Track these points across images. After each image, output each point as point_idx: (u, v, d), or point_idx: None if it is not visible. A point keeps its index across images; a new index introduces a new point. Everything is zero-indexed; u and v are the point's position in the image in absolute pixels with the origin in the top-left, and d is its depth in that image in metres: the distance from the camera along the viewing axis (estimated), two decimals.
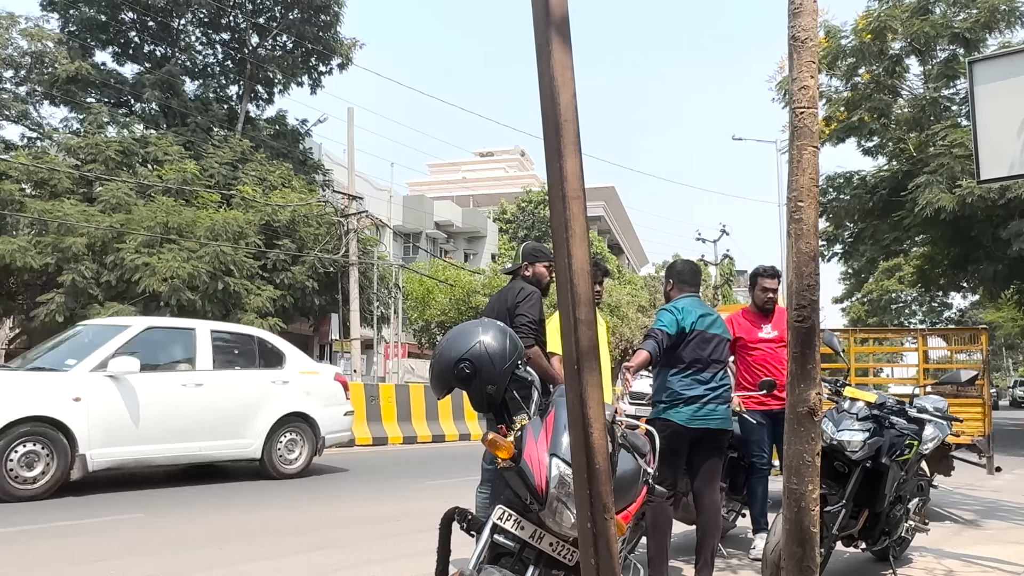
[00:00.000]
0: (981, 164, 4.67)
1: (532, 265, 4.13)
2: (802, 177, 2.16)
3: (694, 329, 3.97)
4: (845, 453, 4.04)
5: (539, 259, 4.14)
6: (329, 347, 26.12)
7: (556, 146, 1.71)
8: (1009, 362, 60.40)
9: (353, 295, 20.06)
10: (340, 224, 21.19)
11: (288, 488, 7.57)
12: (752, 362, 5.07)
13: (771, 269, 5.24)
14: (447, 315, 27.68)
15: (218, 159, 20.28)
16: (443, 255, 38.33)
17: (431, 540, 2.61)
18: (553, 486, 2.20)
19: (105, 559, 4.64)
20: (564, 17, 1.73)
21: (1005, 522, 6.40)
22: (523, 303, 3.95)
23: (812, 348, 2.13)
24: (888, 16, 14.48)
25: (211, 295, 17.55)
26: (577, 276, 1.71)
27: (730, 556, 4.96)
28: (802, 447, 2.14)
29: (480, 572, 2.21)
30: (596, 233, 45.67)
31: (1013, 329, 34.93)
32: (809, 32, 2.17)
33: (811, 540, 2.12)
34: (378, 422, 13.16)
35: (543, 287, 4.11)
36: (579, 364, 1.71)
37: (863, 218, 17.19)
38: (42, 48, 20.45)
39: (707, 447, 4.00)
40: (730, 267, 36.88)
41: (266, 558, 4.77)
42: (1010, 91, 4.53)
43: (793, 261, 2.16)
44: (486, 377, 2.41)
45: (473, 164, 66.09)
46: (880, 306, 37.79)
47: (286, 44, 24.52)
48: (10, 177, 17.83)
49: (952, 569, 4.66)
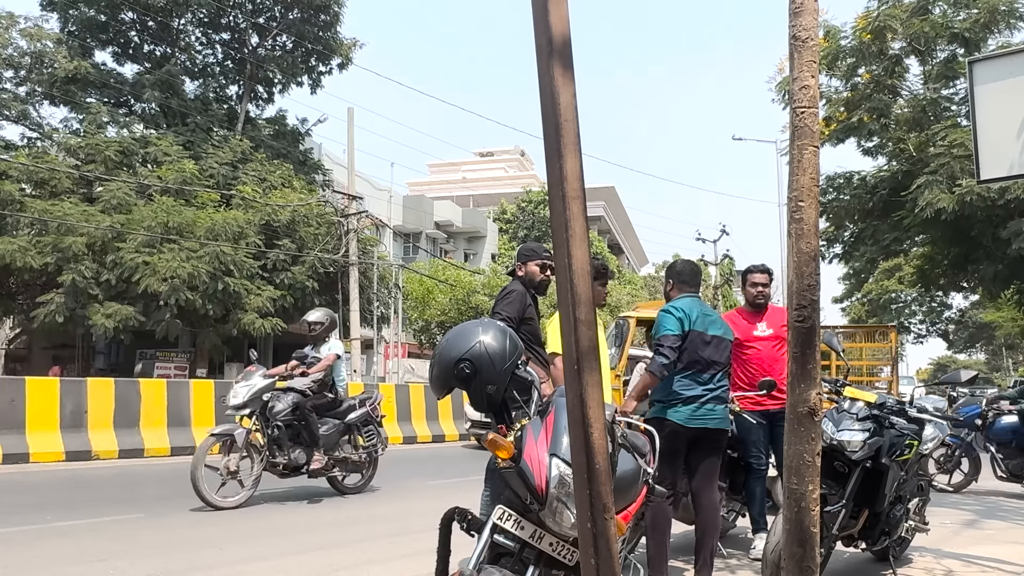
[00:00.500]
0: (981, 164, 4.67)
1: (524, 265, 4.13)
2: (802, 177, 2.16)
3: (692, 330, 3.97)
4: (845, 453, 4.04)
5: (531, 259, 4.13)
6: None
7: (556, 146, 1.71)
8: (1009, 362, 60.37)
9: (353, 295, 20.07)
10: (340, 224, 21.19)
11: (287, 488, 7.57)
12: (747, 360, 5.07)
13: (761, 266, 5.32)
14: (447, 315, 27.68)
15: (218, 159, 20.29)
16: (443, 255, 38.34)
17: (431, 540, 2.61)
18: (553, 486, 2.20)
19: (105, 559, 4.64)
20: (564, 17, 1.73)
21: (1005, 522, 6.40)
22: (501, 300, 3.97)
23: (812, 348, 2.13)
24: (888, 16, 14.47)
25: (211, 295, 17.56)
26: (577, 276, 1.70)
27: (730, 556, 4.96)
28: (802, 447, 2.14)
29: (480, 572, 2.21)
30: (596, 233, 45.69)
31: (1013, 329, 34.90)
32: (810, 32, 2.17)
33: (811, 540, 2.12)
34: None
35: (536, 286, 4.09)
36: (579, 364, 1.71)
37: (863, 218, 17.18)
38: (42, 48, 20.46)
39: (705, 447, 4.00)
40: (730, 267, 36.87)
41: (266, 558, 4.77)
42: (1010, 91, 4.53)
43: (793, 261, 2.16)
44: (486, 377, 2.41)
45: (473, 164, 66.10)
46: (880, 306, 37.77)
47: (286, 44, 24.53)
48: (10, 177, 17.84)
49: (952, 569, 4.67)
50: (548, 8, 1.72)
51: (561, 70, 1.71)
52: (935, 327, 40.74)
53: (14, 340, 24.48)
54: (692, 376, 3.95)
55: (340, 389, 7.45)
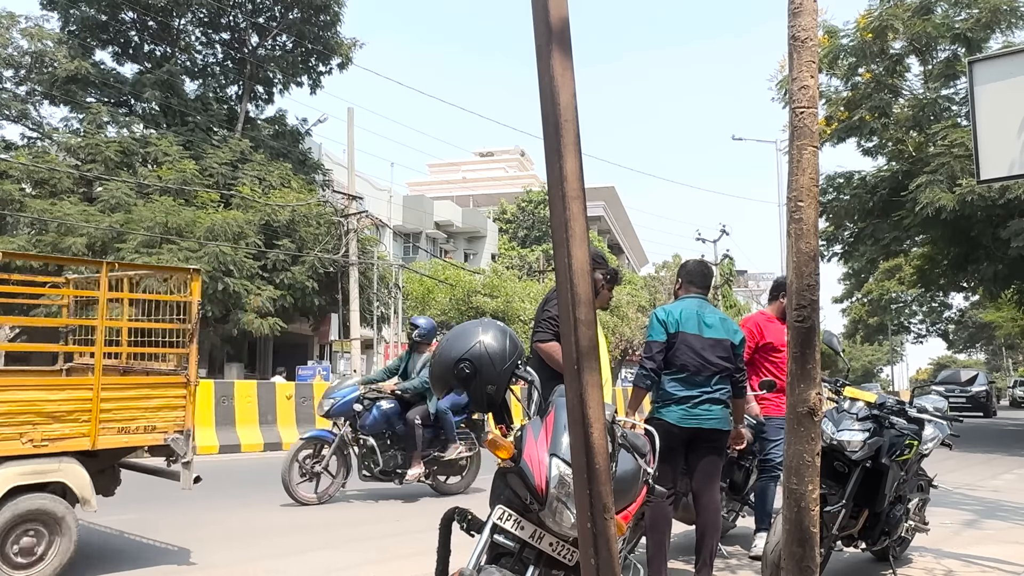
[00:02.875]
0: (981, 164, 4.67)
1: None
2: (802, 177, 2.16)
3: (680, 332, 3.95)
4: (845, 453, 4.04)
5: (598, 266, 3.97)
6: (329, 347, 26.15)
7: (556, 146, 1.71)
8: (1009, 362, 60.39)
9: (353, 295, 20.07)
10: (340, 224, 21.20)
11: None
12: (781, 363, 5.03)
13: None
14: (447, 315, 27.69)
15: (218, 159, 20.29)
16: (443, 255, 38.33)
17: (431, 540, 2.61)
18: (553, 486, 2.20)
19: (105, 559, 4.63)
20: (564, 17, 1.73)
21: (1005, 522, 6.40)
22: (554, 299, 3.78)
23: (812, 348, 2.13)
24: (889, 15, 14.47)
25: (211, 295, 17.56)
26: (577, 276, 1.71)
27: (730, 556, 4.96)
28: (802, 447, 2.14)
29: (480, 572, 2.21)
30: (596, 233, 45.67)
31: (1013, 329, 34.91)
32: (809, 32, 2.17)
33: (811, 540, 2.12)
34: None
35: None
36: (579, 364, 1.71)
37: (863, 218, 17.17)
38: (42, 48, 20.45)
39: (704, 447, 3.99)
40: (730, 267, 36.90)
41: (266, 558, 4.77)
42: (1010, 91, 4.53)
43: (793, 261, 2.16)
44: (486, 377, 2.41)
45: (473, 164, 66.10)
46: (880, 306, 37.78)
47: (286, 44, 24.54)
48: (10, 177, 17.83)
49: (952, 569, 4.66)
50: (548, 8, 1.72)
51: (561, 70, 1.71)
52: (935, 327, 40.75)
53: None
54: (684, 378, 3.92)
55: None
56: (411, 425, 6.90)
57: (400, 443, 7.00)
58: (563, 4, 1.73)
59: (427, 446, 7.08)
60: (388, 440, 7.00)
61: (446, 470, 7.36)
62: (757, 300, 63.99)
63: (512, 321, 26.11)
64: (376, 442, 6.89)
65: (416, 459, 6.94)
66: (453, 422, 7.16)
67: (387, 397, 7.01)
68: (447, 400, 6.88)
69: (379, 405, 6.95)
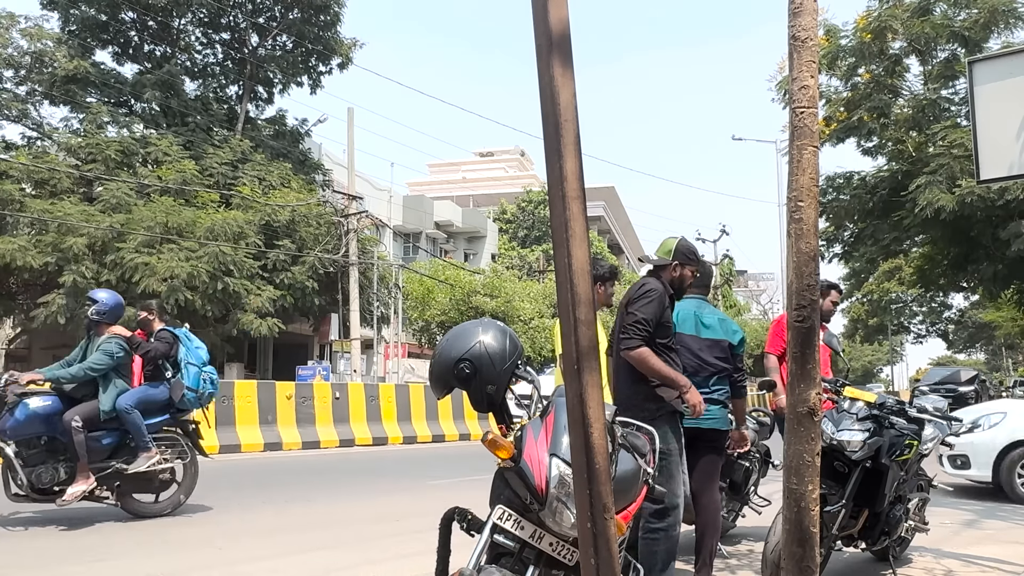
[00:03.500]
0: (981, 164, 4.67)
1: (680, 267, 3.72)
2: (802, 177, 2.16)
3: (676, 332, 3.85)
4: (845, 453, 4.04)
5: (690, 263, 3.76)
6: (329, 347, 26.14)
7: (556, 146, 1.71)
8: (1009, 362, 60.37)
9: (353, 295, 20.07)
10: (340, 224, 21.20)
11: (288, 488, 7.57)
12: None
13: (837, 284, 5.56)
14: (447, 315, 27.67)
15: (218, 159, 20.30)
16: (443, 255, 38.32)
17: (431, 540, 2.60)
18: (553, 486, 2.20)
19: (105, 559, 4.64)
20: (564, 18, 1.73)
21: (1005, 522, 6.40)
22: (640, 299, 3.56)
23: (812, 348, 2.13)
24: (889, 16, 14.47)
25: (211, 295, 17.57)
26: (577, 276, 1.70)
27: (730, 556, 4.96)
28: (802, 447, 2.14)
29: (480, 572, 2.21)
30: (596, 233, 45.67)
31: (1013, 329, 34.88)
32: (809, 32, 2.17)
33: (811, 540, 2.12)
34: (378, 422, 13.16)
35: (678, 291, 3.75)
36: (579, 364, 1.71)
37: (863, 218, 17.17)
38: (42, 48, 20.46)
39: (703, 447, 3.99)
40: (730, 267, 36.89)
41: (265, 558, 4.77)
42: (1010, 91, 4.53)
43: (793, 261, 2.16)
44: (486, 377, 2.41)
45: (473, 164, 66.11)
46: (880, 306, 37.74)
47: (286, 44, 24.54)
48: (10, 177, 17.83)
49: (952, 569, 4.66)
50: (548, 8, 1.72)
51: (561, 70, 1.71)
52: (935, 327, 40.73)
53: (14, 340, 24.47)
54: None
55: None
56: (68, 429, 5.43)
57: (65, 452, 5.53)
58: (563, 4, 1.73)
59: (108, 455, 5.69)
60: (45, 448, 5.53)
61: (136, 486, 5.85)
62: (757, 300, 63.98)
63: (512, 321, 26.10)
64: (27, 451, 5.44)
65: (82, 472, 5.51)
66: (142, 424, 5.68)
67: (45, 392, 5.60)
68: (131, 395, 5.72)
69: (26, 403, 5.44)
